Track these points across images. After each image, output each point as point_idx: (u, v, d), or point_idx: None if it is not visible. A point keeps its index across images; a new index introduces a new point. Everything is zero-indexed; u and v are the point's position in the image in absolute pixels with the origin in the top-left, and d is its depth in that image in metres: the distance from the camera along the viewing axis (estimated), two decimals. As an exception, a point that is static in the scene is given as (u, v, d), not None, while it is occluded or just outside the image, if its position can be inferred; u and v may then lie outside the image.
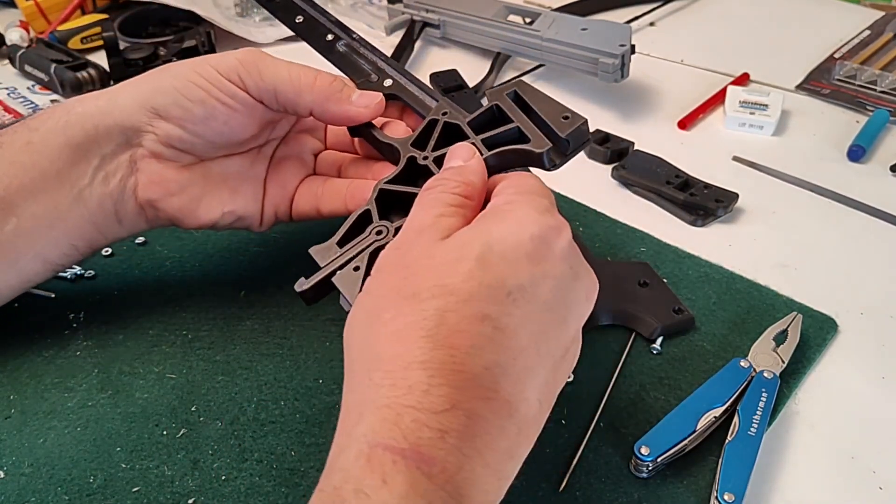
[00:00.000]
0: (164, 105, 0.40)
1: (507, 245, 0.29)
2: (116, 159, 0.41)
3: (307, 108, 0.41)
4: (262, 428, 0.40)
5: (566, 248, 0.31)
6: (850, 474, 0.38)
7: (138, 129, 0.40)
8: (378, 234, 0.37)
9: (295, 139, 0.46)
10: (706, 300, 0.48)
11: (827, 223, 0.56)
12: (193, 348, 0.44)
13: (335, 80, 0.41)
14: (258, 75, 0.40)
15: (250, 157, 0.45)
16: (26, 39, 0.79)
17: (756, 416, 0.39)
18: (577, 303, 0.31)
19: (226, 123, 0.41)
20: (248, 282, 0.49)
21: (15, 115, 0.69)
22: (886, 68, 0.74)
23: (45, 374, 0.43)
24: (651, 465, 0.37)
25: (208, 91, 0.39)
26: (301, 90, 0.40)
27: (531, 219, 0.30)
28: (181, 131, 0.40)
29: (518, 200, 0.32)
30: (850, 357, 0.45)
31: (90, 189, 0.40)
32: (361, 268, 0.36)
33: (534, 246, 0.29)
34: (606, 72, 0.65)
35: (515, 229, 0.30)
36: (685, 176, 0.58)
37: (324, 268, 0.36)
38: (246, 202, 0.44)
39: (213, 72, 0.40)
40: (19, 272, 0.41)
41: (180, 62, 0.41)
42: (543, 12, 0.73)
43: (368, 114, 0.41)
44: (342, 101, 0.40)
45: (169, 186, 0.42)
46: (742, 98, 0.67)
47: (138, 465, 0.38)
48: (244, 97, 0.40)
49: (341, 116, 0.41)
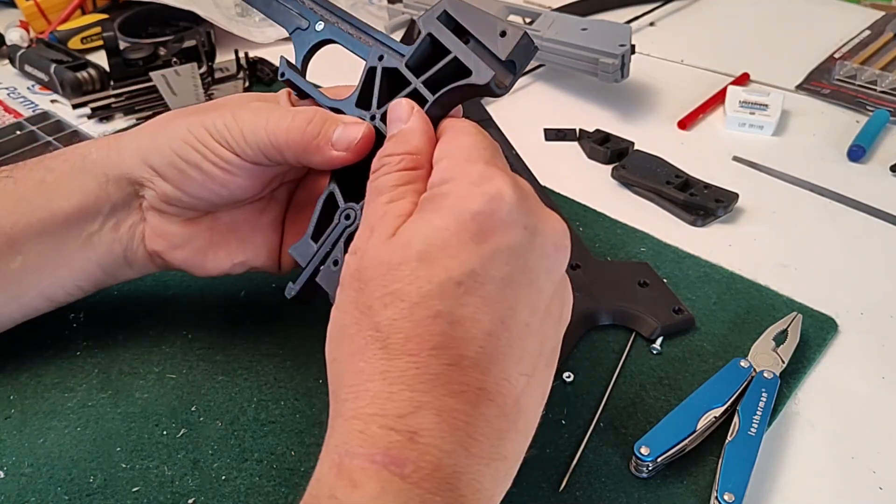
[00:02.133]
0: (161, 165, 0.38)
1: (449, 233, 0.28)
2: (127, 207, 0.40)
3: (294, 162, 0.37)
4: (262, 428, 0.40)
5: (514, 210, 0.28)
6: (851, 474, 0.38)
7: (141, 183, 0.39)
8: (347, 218, 0.36)
9: (313, 180, 0.43)
10: (706, 300, 0.48)
11: (827, 223, 0.56)
12: (193, 348, 0.44)
13: (310, 122, 0.36)
14: (242, 139, 0.37)
15: (261, 204, 0.42)
16: (26, 39, 0.79)
17: (756, 416, 0.39)
18: (544, 258, 0.29)
19: (224, 186, 0.38)
20: (248, 282, 0.49)
21: (15, 115, 0.69)
22: (886, 68, 0.74)
23: (45, 374, 0.43)
24: (651, 465, 0.37)
25: (204, 155, 0.37)
26: (280, 146, 0.36)
27: (469, 195, 0.28)
28: (180, 193, 0.39)
29: (452, 177, 0.29)
30: (851, 357, 0.45)
31: (99, 235, 0.40)
32: (340, 261, 0.35)
33: (476, 224, 0.28)
34: (606, 72, 0.65)
35: (454, 213, 0.28)
36: (685, 176, 0.58)
37: (305, 268, 0.36)
38: (257, 251, 0.42)
39: (206, 135, 0.37)
40: (22, 307, 0.41)
41: (178, 118, 0.39)
42: (543, 12, 0.73)
43: (353, 157, 0.36)
44: (321, 149, 0.36)
45: (172, 239, 0.40)
46: (742, 98, 0.67)
47: (138, 465, 0.38)
48: (238, 162, 0.37)
49: (326, 166, 0.37)
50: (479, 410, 0.27)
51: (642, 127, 0.67)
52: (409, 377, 0.26)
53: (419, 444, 0.25)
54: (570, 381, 0.42)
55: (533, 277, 0.29)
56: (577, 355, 0.44)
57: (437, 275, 0.27)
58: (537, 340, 0.29)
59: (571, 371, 0.43)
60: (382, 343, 0.27)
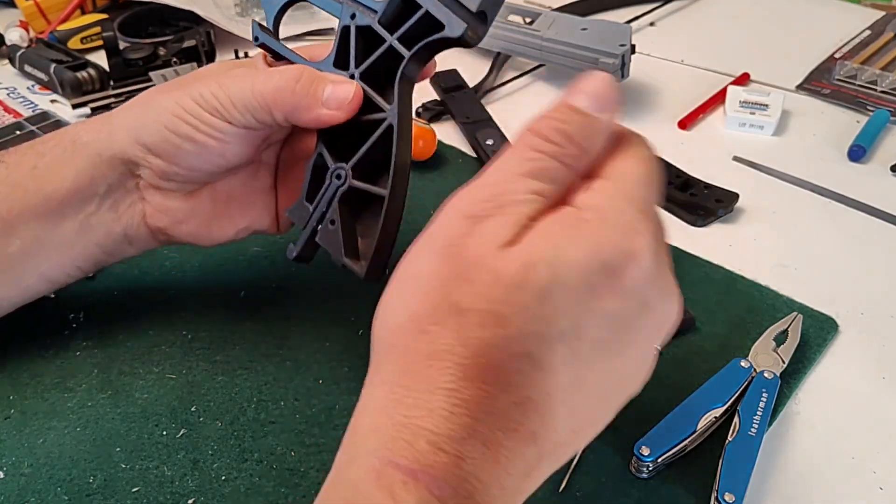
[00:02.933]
0: (154, 143, 0.38)
1: (573, 275, 0.25)
2: (123, 187, 0.40)
3: (283, 122, 0.38)
4: (262, 428, 0.40)
5: (638, 281, 0.26)
6: (851, 474, 0.38)
7: (136, 162, 0.39)
8: (338, 178, 0.36)
9: (297, 140, 0.44)
10: (706, 300, 0.48)
11: (827, 223, 0.56)
12: (193, 348, 0.44)
13: (298, 80, 0.36)
14: (232, 107, 0.37)
15: (252, 169, 0.43)
16: (26, 39, 0.79)
17: (756, 417, 0.39)
18: (642, 333, 0.28)
19: (220, 155, 0.39)
20: (248, 282, 0.49)
21: (15, 115, 0.69)
22: (887, 68, 0.74)
23: (45, 374, 0.43)
24: (651, 465, 0.37)
25: (195, 126, 0.37)
26: (269, 107, 0.37)
27: (609, 242, 0.26)
28: (176, 167, 0.39)
29: (604, 208, 0.27)
30: (851, 357, 0.45)
31: (97, 216, 0.40)
32: (337, 220, 0.36)
33: (599, 278, 0.25)
34: (606, 72, 0.65)
35: (587, 254, 0.25)
36: (685, 176, 0.58)
37: (305, 227, 0.37)
38: (258, 214, 0.43)
39: (195, 106, 0.37)
40: (22, 290, 0.41)
41: (163, 94, 0.39)
42: (543, 12, 0.73)
43: (344, 115, 0.36)
44: (311, 107, 0.36)
45: (176, 214, 0.41)
46: (742, 98, 0.67)
47: (138, 465, 0.38)
48: (230, 129, 0.38)
49: (316, 124, 0.37)
50: (521, 449, 0.26)
51: (642, 127, 0.66)
52: (475, 404, 0.25)
53: (462, 471, 0.25)
54: (570, 381, 0.42)
55: (622, 349, 0.27)
56: (577, 355, 0.44)
57: (546, 314, 0.25)
58: (600, 404, 0.28)
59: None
60: (463, 359, 0.25)
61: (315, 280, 0.49)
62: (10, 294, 0.41)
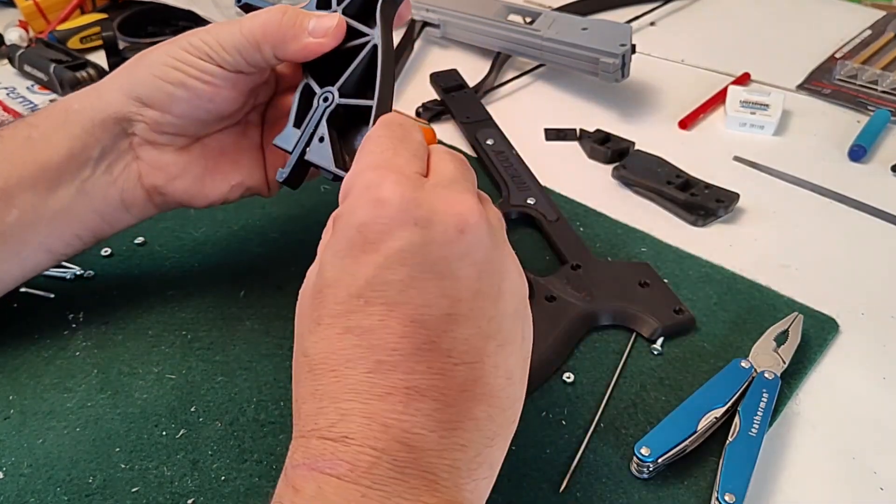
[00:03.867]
0: (147, 93, 0.40)
1: (343, 252, 0.28)
2: (116, 149, 0.41)
3: (272, 58, 0.39)
4: (262, 428, 0.40)
5: (397, 212, 0.28)
6: (851, 475, 0.38)
7: (129, 118, 0.40)
8: (325, 100, 0.38)
9: (281, 99, 0.46)
10: (707, 300, 0.48)
11: (828, 223, 0.56)
12: (193, 348, 0.44)
13: (284, 13, 0.39)
14: (221, 49, 0.39)
15: (241, 126, 0.45)
16: (25, 39, 0.79)
17: (757, 417, 0.39)
18: (448, 245, 0.28)
19: (211, 101, 0.40)
20: (248, 282, 0.49)
21: (14, 115, 0.69)
22: (887, 68, 0.74)
23: (45, 375, 0.43)
24: (652, 465, 0.37)
25: (186, 72, 0.39)
26: (257, 43, 0.39)
27: (356, 207, 0.28)
28: (169, 116, 0.40)
29: (349, 189, 0.30)
30: (851, 357, 0.45)
31: (93, 180, 0.41)
32: (325, 136, 0.38)
33: (362, 236, 0.28)
34: (607, 72, 0.65)
35: (344, 230, 0.28)
36: (686, 176, 0.58)
37: (293, 150, 0.38)
38: (250, 170, 0.44)
39: (184, 54, 0.39)
40: (22, 262, 0.41)
41: (151, 49, 0.41)
42: (543, 12, 0.73)
43: (329, 42, 0.39)
44: (298, 36, 0.39)
45: (170, 170, 0.42)
46: (743, 98, 0.67)
47: (138, 465, 0.38)
48: (221, 72, 0.40)
49: (303, 53, 0.39)
50: (412, 407, 0.27)
51: (643, 127, 0.67)
52: (333, 391, 0.27)
53: (351, 447, 0.26)
54: (570, 381, 0.42)
55: (441, 268, 0.28)
56: (577, 355, 0.44)
57: (340, 295, 0.28)
58: (470, 326, 0.28)
59: (572, 371, 0.43)
60: (310, 366, 0.28)
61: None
62: (11, 267, 0.41)
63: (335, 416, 0.27)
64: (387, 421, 0.26)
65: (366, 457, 0.26)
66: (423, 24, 0.81)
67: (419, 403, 0.27)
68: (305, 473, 0.26)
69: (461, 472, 0.27)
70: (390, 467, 0.26)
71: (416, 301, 0.27)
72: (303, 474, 0.26)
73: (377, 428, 0.26)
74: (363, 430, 0.26)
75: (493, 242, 0.29)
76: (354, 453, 0.26)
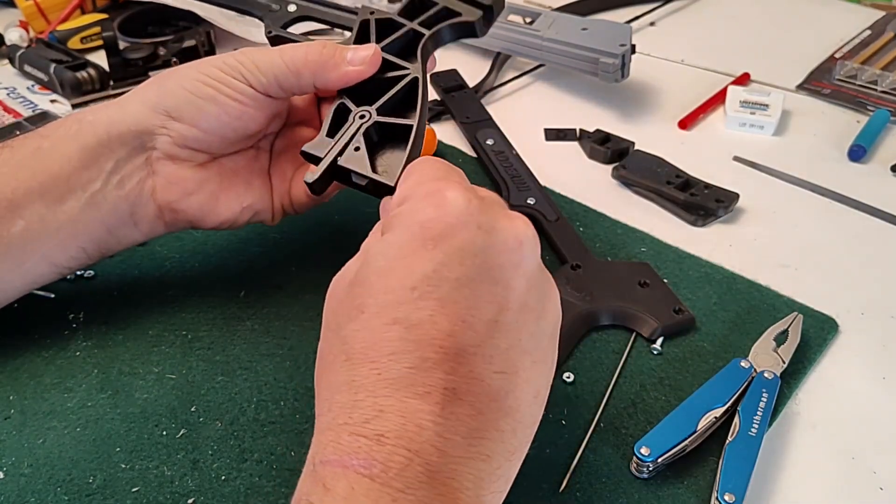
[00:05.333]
0: (177, 106, 0.40)
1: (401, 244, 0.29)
2: (131, 163, 0.41)
3: (309, 84, 0.41)
4: (262, 428, 0.40)
5: (463, 213, 0.29)
6: (851, 475, 0.38)
7: (151, 132, 0.40)
8: (362, 117, 0.40)
9: (290, 131, 0.47)
10: (707, 300, 0.48)
11: (827, 223, 0.56)
12: (193, 348, 0.44)
13: (324, 47, 0.41)
14: (257, 71, 0.41)
15: (254, 151, 0.46)
16: (26, 39, 0.79)
17: (756, 417, 0.39)
18: (505, 254, 0.29)
19: (239, 118, 0.41)
20: (248, 282, 0.49)
21: (15, 115, 0.69)
22: (887, 68, 0.74)
23: (45, 375, 0.43)
24: (651, 465, 0.37)
25: (218, 89, 0.40)
26: (298, 70, 0.41)
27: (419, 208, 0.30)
28: (195, 130, 0.41)
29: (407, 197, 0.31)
30: (851, 357, 0.45)
31: (103, 193, 0.40)
32: (361, 146, 0.39)
33: (426, 231, 0.29)
34: (607, 72, 0.65)
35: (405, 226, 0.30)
36: (686, 176, 0.58)
37: (325, 156, 0.39)
38: (261, 194, 0.45)
39: (217, 72, 0.40)
40: (24, 274, 0.41)
41: (182, 66, 0.42)
42: (543, 12, 0.73)
43: (367, 70, 0.42)
44: (338, 65, 0.41)
45: (187, 186, 0.42)
46: (742, 98, 0.67)
47: (138, 465, 0.38)
48: (252, 93, 0.41)
49: (342, 81, 0.41)
50: (448, 410, 0.27)
51: (642, 127, 0.67)
52: (371, 383, 0.27)
53: (386, 446, 0.26)
54: (570, 381, 0.42)
55: (495, 274, 0.29)
56: (577, 355, 0.44)
57: (392, 285, 0.28)
58: (512, 337, 0.29)
59: (571, 371, 0.43)
60: (347, 355, 0.28)
61: (315, 280, 0.49)
62: (13, 278, 0.41)
63: (372, 411, 0.27)
64: (422, 422, 0.26)
65: (399, 458, 0.26)
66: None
67: (455, 407, 0.27)
68: (338, 471, 0.26)
69: (483, 483, 0.27)
70: (422, 471, 0.26)
71: (467, 301, 0.28)
72: (334, 472, 0.26)
73: (413, 429, 0.26)
74: (398, 430, 0.26)
75: (540, 263, 0.31)
76: (388, 453, 0.26)
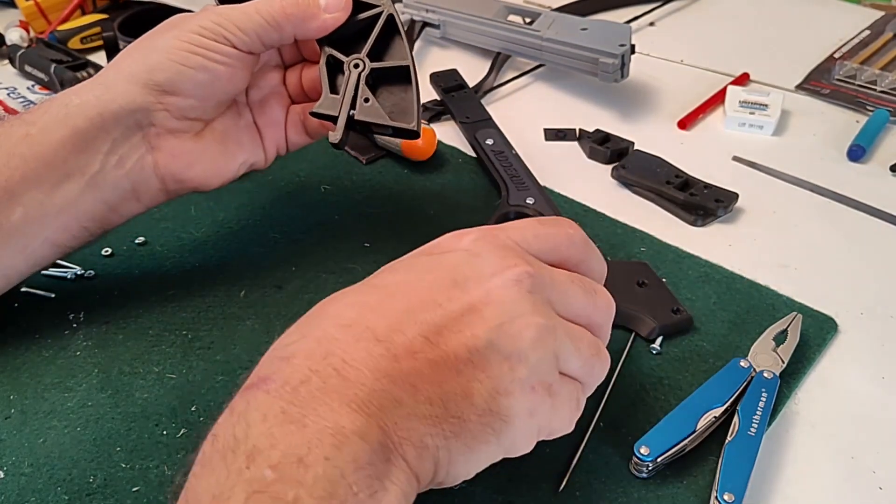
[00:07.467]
0: (169, 79, 0.40)
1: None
2: (128, 141, 0.41)
3: (290, 37, 0.42)
4: (262, 428, 0.40)
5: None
6: (850, 474, 0.38)
7: (147, 108, 0.40)
8: (356, 66, 0.42)
9: (261, 80, 0.47)
10: (706, 300, 0.48)
11: (827, 223, 0.56)
12: (193, 348, 0.44)
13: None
14: (238, 31, 0.41)
15: (235, 109, 0.46)
16: (26, 39, 0.79)
17: (756, 416, 0.39)
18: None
19: (229, 80, 0.42)
20: (248, 282, 0.49)
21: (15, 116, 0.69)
22: (886, 68, 0.74)
23: (45, 374, 0.43)
24: (651, 465, 0.37)
25: (206, 56, 0.41)
26: (279, 24, 0.41)
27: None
28: (192, 100, 0.41)
29: None
30: (851, 357, 0.45)
31: (102, 174, 0.40)
32: (371, 97, 0.41)
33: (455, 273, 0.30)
34: (606, 72, 0.65)
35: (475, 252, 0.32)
36: (685, 176, 0.58)
37: (340, 114, 0.41)
38: (252, 148, 0.47)
39: (201, 38, 0.41)
40: (28, 257, 0.41)
41: (157, 34, 0.42)
42: (543, 12, 0.73)
43: (343, 15, 0.43)
44: (316, 15, 0.42)
45: (188, 157, 0.43)
46: (742, 98, 0.67)
47: (138, 464, 0.38)
48: (237, 54, 0.41)
49: (321, 29, 0.42)
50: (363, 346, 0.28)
51: (642, 127, 0.67)
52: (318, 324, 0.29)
53: (292, 364, 0.27)
54: (569, 381, 0.42)
55: None
56: (576, 355, 0.44)
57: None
58: None
59: None
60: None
61: (315, 280, 0.49)
62: (17, 262, 0.41)
63: (296, 336, 0.29)
64: (332, 348, 0.27)
65: (299, 374, 0.27)
66: (423, 24, 0.81)
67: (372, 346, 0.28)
68: (243, 393, 0.27)
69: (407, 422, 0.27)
70: (318, 388, 0.26)
71: None
72: (240, 394, 0.27)
73: (321, 352, 0.27)
74: (308, 351, 0.27)
75: None
76: (292, 371, 0.27)
